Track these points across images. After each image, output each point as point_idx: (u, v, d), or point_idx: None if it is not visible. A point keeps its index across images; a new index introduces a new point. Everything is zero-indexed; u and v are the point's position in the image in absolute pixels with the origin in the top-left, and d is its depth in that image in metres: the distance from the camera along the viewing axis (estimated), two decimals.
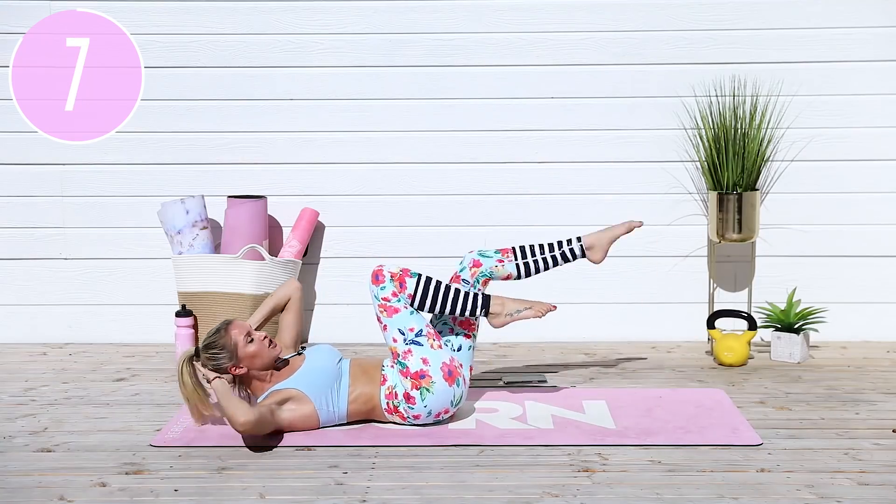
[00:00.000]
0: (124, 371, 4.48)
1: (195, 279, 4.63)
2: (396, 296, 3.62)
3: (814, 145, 4.80)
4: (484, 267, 3.83)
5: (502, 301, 3.74)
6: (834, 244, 4.86)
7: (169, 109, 4.89)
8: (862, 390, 4.08)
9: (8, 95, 4.87)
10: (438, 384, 3.57)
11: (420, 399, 3.56)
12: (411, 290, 3.63)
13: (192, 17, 4.84)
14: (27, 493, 3.09)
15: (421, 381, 3.56)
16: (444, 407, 3.61)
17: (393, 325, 3.62)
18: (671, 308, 4.90)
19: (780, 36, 4.77)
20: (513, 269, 3.84)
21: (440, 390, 3.57)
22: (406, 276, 3.64)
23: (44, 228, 4.96)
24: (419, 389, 3.56)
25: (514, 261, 3.84)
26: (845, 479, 3.14)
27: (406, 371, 3.57)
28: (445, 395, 3.59)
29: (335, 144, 4.89)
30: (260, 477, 3.19)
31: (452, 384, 3.60)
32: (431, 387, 3.56)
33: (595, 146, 4.85)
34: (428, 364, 3.57)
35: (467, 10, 4.81)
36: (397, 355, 3.61)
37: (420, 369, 3.56)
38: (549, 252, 3.87)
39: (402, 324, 3.61)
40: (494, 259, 3.84)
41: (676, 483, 3.12)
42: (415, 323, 3.62)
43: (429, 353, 3.59)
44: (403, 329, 3.61)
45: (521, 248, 3.86)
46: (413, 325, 3.62)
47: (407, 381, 3.57)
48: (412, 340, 3.60)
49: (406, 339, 3.60)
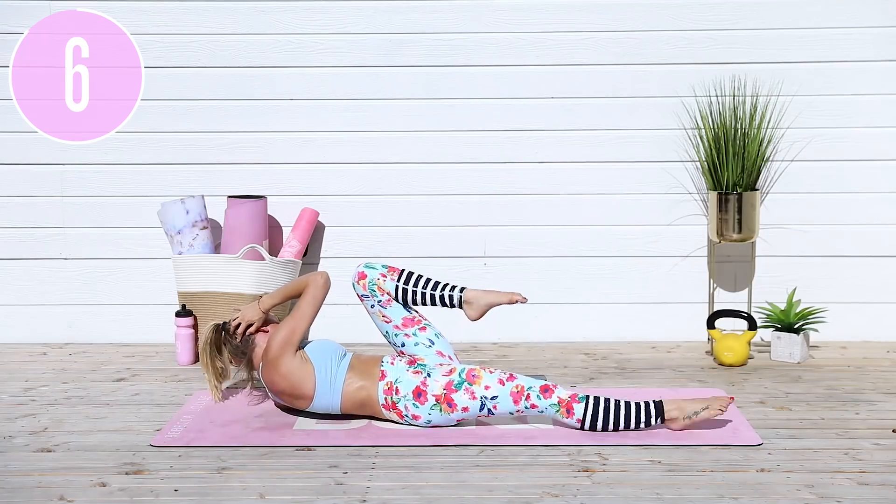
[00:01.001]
0: (124, 371, 4.48)
1: (195, 279, 4.63)
2: (533, 409, 3.56)
3: (814, 145, 4.80)
4: (369, 278, 3.79)
5: (679, 405, 3.59)
6: (834, 244, 4.86)
7: (169, 109, 4.89)
8: (862, 390, 4.08)
9: (8, 95, 4.87)
10: (450, 417, 3.61)
11: (430, 407, 3.58)
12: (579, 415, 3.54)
13: (192, 17, 4.84)
14: (27, 493, 3.09)
15: (444, 404, 3.58)
16: (445, 424, 3.65)
17: (501, 391, 3.56)
18: (671, 308, 4.90)
19: (780, 36, 4.77)
20: (391, 288, 3.78)
21: (446, 418, 3.62)
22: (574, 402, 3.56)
23: (44, 228, 4.96)
24: (437, 403, 3.58)
25: (395, 280, 3.77)
26: (845, 479, 3.14)
27: (452, 389, 3.57)
28: (447, 420, 3.63)
29: (335, 144, 4.89)
30: (260, 477, 3.19)
31: (458, 421, 3.65)
32: (444, 413, 3.59)
33: (595, 146, 4.85)
34: (464, 412, 3.58)
35: (467, 10, 4.81)
36: (472, 381, 3.57)
37: (457, 403, 3.57)
38: (431, 289, 3.78)
39: (502, 402, 3.56)
40: (378, 273, 3.79)
41: (676, 483, 3.12)
42: (499, 412, 3.58)
43: (472, 412, 3.59)
44: (496, 400, 3.56)
45: (408, 273, 3.80)
46: (499, 409, 3.57)
47: (441, 389, 3.57)
48: (486, 404, 3.57)
49: (484, 396, 3.57)
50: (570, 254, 4.92)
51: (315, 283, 3.75)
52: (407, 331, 3.76)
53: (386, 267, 3.80)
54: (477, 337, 4.67)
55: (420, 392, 3.58)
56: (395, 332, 3.78)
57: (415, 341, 3.75)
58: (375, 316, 3.81)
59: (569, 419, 3.55)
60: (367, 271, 3.78)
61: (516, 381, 3.57)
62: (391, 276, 3.77)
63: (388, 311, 3.78)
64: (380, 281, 3.76)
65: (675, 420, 3.56)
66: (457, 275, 4.87)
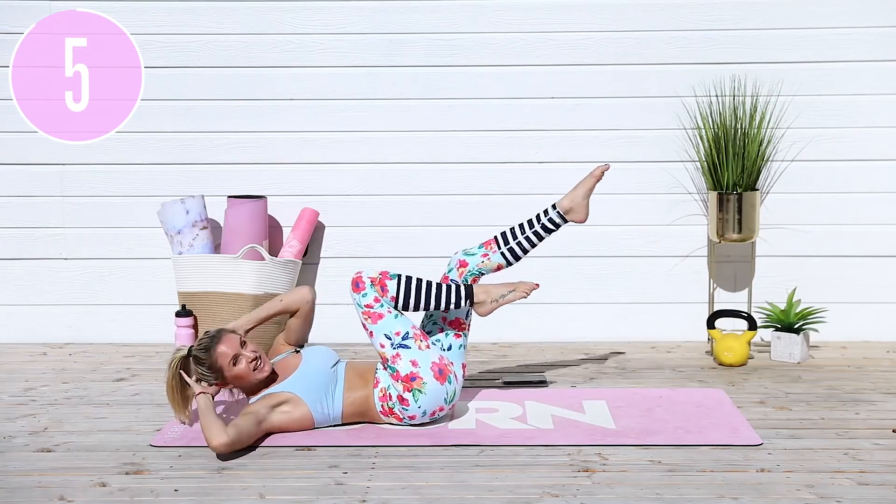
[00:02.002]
0: (124, 371, 4.48)
1: (195, 279, 4.63)
2: (379, 301, 3.61)
3: (814, 145, 4.80)
4: (471, 265, 3.81)
5: (486, 288, 3.72)
6: (834, 244, 4.86)
7: (169, 109, 4.89)
8: (862, 390, 4.08)
9: (8, 95, 4.87)
10: (430, 384, 3.57)
11: (413, 400, 3.56)
12: (393, 292, 3.62)
13: (192, 17, 4.84)
14: (27, 493, 3.09)
15: (412, 384, 3.56)
16: (439, 405, 3.61)
17: (379, 330, 3.61)
18: (671, 308, 4.90)
19: (780, 36, 4.77)
20: (500, 259, 3.82)
21: (432, 390, 3.57)
22: (386, 278, 3.63)
23: (44, 228, 4.96)
24: (411, 392, 3.56)
25: (498, 250, 3.81)
26: (845, 479, 3.14)
27: (397, 375, 3.57)
28: (438, 393, 3.59)
29: (335, 144, 4.89)
30: (260, 477, 3.19)
31: (444, 382, 3.60)
32: (423, 387, 3.56)
33: (595, 146, 4.85)
34: (417, 366, 3.57)
35: (467, 10, 4.81)
36: (386, 360, 3.60)
37: (410, 372, 3.56)
38: (530, 229, 3.82)
39: (388, 328, 3.60)
40: (479, 255, 3.82)
41: (676, 483, 3.12)
42: (400, 326, 3.61)
43: (417, 355, 3.58)
44: (389, 334, 3.60)
45: (502, 235, 3.84)
46: (398, 328, 3.61)
47: (399, 384, 3.57)
48: (399, 344, 3.59)
49: (393, 344, 3.59)
50: (570, 254, 4.92)
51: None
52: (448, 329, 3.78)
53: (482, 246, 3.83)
54: (477, 337, 4.67)
55: (399, 398, 3.58)
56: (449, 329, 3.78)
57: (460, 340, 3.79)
58: None
59: (385, 297, 3.59)
60: (468, 259, 3.82)
61: (360, 318, 3.64)
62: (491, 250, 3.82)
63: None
64: (482, 263, 3.81)
65: (482, 304, 3.69)
66: None
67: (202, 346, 3.54)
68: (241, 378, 3.55)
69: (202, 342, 3.55)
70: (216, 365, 3.51)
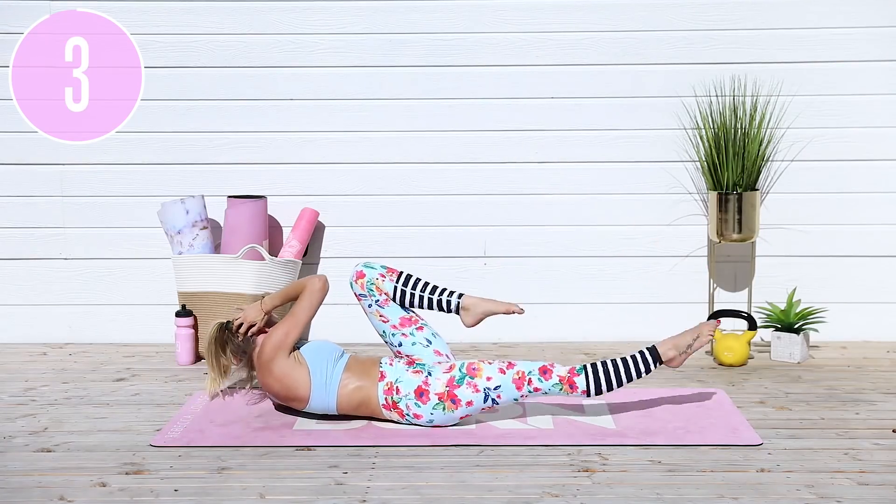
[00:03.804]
0: (124, 371, 4.48)
1: (195, 279, 4.63)
2: (537, 392, 3.59)
3: (814, 145, 4.80)
4: (367, 278, 3.78)
5: (672, 343, 3.65)
6: (834, 244, 4.86)
7: (169, 109, 4.89)
8: (862, 390, 4.08)
9: (8, 95, 4.87)
10: (454, 415, 3.61)
11: (432, 406, 3.58)
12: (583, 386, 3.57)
13: (192, 17, 4.84)
14: (27, 493, 3.09)
15: (448, 401, 3.58)
16: (443, 423, 3.65)
17: (503, 380, 3.57)
18: (671, 308, 4.90)
19: (780, 36, 4.77)
20: (390, 289, 3.78)
21: (450, 417, 3.62)
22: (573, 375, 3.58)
23: (44, 228, 4.96)
24: (441, 401, 3.58)
25: (393, 282, 3.78)
26: (845, 479, 3.14)
27: (455, 385, 3.58)
28: (450, 419, 3.64)
29: (335, 144, 4.89)
30: (260, 477, 3.19)
31: (461, 418, 3.65)
32: (450, 411, 3.60)
33: (595, 146, 4.85)
34: (468, 406, 3.58)
35: (467, 10, 4.81)
36: (472, 375, 3.58)
37: (460, 399, 3.58)
38: (428, 292, 3.79)
39: (505, 391, 3.58)
40: (377, 272, 3.79)
41: (676, 483, 3.12)
42: (503, 401, 3.60)
43: (476, 405, 3.60)
44: (500, 389, 3.58)
45: (407, 275, 3.80)
46: (503, 398, 3.59)
47: (443, 387, 3.57)
48: (489, 395, 3.58)
49: (487, 387, 3.58)
50: (570, 254, 4.92)
51: (312, 287, 3.75)
52: (404, 330, 3.76)
53: (385, 267, 3.80)
54: (477, 337, 4.67)
55: (422, 391, 3.58)
56: (393, 331, 3.77)
57: (412, 341, 3.75)
58: (372, 315, 3.81)
59: (574, 393, 3.58)
60: (366, 271, 3.78)
61: (516, 368, 3.60)
62: (390, 276, 3.77)
63: (386, 310, 3.78)
64: (378, 281, 3.76)
65: (673, 359, 3.65)
66: (456, 275, 4.87)
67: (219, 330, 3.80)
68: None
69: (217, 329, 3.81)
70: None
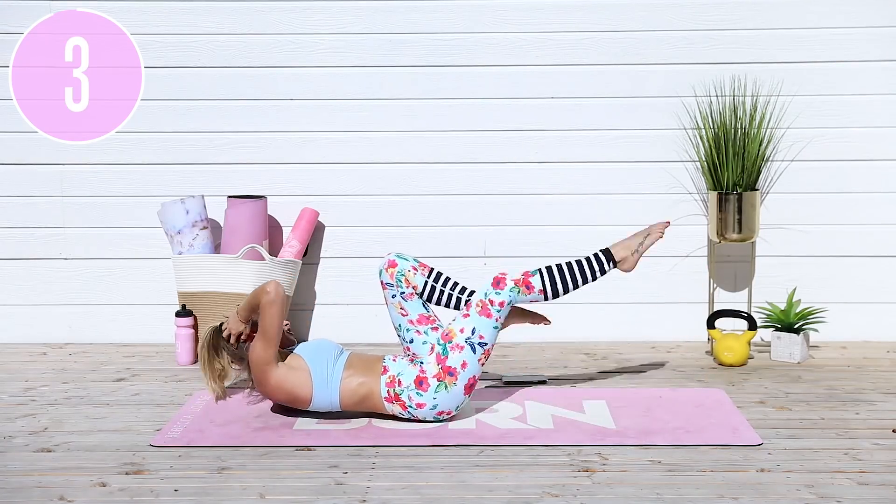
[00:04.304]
0: (124, 371, 4.48)
1: (195, 279, 4.63)
2: (504, 305, 3.66)
3: (814, 145, 4.80)
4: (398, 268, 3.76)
5: (622, 245, 3.85)
6: (834, 244, 4.86)
7: (169, 109, 4.89)
8: (862, 390, 4.08)
9: (8, 95, 4.87)
10: (458, 388, 3.61)
11: (434, 390, 3.59)
12: (539, 286, 3.70)
13: (192, 17, 4.84)
14: (27, 493, 3.09)
15: (447, 378, 3.59)
16: (449, 409, 3.64)
17: (471, 323, 3.64)
18: (671, 308, 4.90)
19: (780, 36, 4.77)
20: (420, 283, 3.76)
21: (455, 393, 3.62)
22: (528, 276, 3.70)
23: (44, 228, 4.95)
24: (440, 381, 3.58)
25: (425, 276, 3.77)
26: (845, 479, 3.14)
27: (441, 359, 3.60)
28: (456, 398, 3.63)
29: (335, 144, 4.89)
30: (260, 477, 3.19)
31: (466, 394, 3.65)
32: (451, 387, 3.60)
33: (595, 146, 4.85)
34: (464, 368, 3.61)
35: (467, 10, 4.81)
36: (447, 340, 3.63)
37: (454, 367, 3.60)
38: (457, 292, 3.79)
39: (481, 328, 3.64)
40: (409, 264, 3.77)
41: (676, 483, 3.12)
42: (489, 336, 3.65)
43: (471, 361, 3.62)
44: (476, 331, 3.64)
45: (438, 272, 3.81)
46: (486, 334, 3.65)
47: (435, 366, 3.59)
48: (472, 343, 3.62)
49: (468, 340, 3.62)
50: (570, 254, 4.91)
51: (265, 301, 3.62)
52: (420, 328, 3.75)
53: (417, 261, 3.80)
54: None
55: (421, 380, 3.60)
56: (409, 326, 3.76)
57: (423, 339, 3.74)
58: (393, 307, 3.79)
59: (532, 294, 3.68)
60: (399, 261, 3.77)
61: (474, 301, 3.67)
62: (422, 270, 3.78)
63: (408, 304, 3.76)
64: (409, 273, 3.76)
65: (625, 259, 3.80)
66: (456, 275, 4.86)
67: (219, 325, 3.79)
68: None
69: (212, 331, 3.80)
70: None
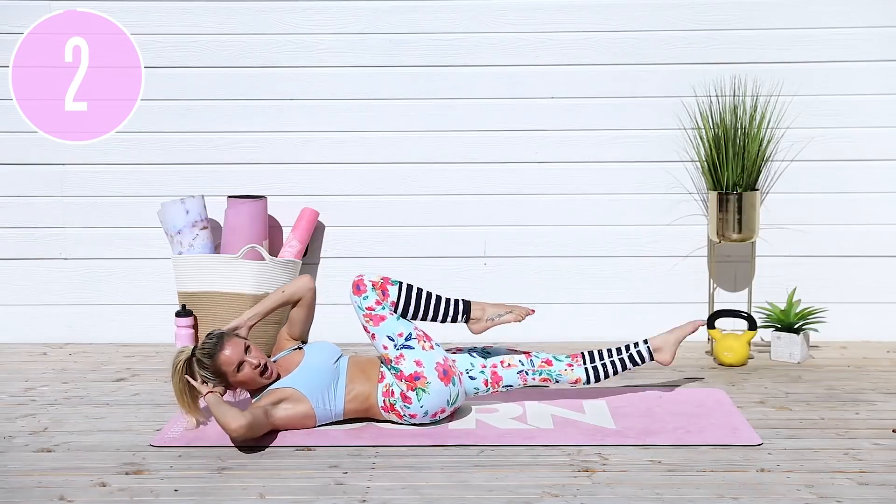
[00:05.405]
0: (124, 371, 4.48)
1: (195, 279, 4.63)
2: (380, 304, 3.63)
3: (814, 145, 4.80)
4: (554, 367, 3.79)
5: (482, 306, 3.77)
6: (834, 244, 4.86)
7: (169, 109, 4.89)
8: (862, 390, 4.08)
9: (8, 95, 4.87)
10: (434, 384, 3.58)
11: (416, 399, 3.57)
12: (394, 297, 3.65)
13: (192, 17, 4.84)
14: (27, 493, 3.09)
15: (416, 383, 3.57)
16: (441, 406, 3.62)
17: (381, 332, 3.62)
18: (671, 308, 4.90)
19: (780, 36, 4.77)
20: (581, 374, 3.81)
21: (436, 390, 3.58)
22: (387, 283, 3.65)
23: (44, 228, 4.96)
24: (415, 391, 3.57)
25: (583, 365, 3.82)
26: (845, 479, 3.14)
27: (401, 375, 3.58)
28: (441, 394, 3.60)
29: (335, 144, 4.89)
30: (260, 477, 3.19)
31: (448, 383, 3.61)
32: (427, 387, 3.57)
33: (595, 146, 4.85)
34: (422, 366, 3.58)
35: (467, 10, 4.81)
36: (390, 361, 3.61)
37: (414, 371, 3.57)
38: (616, 355, 3.85)
39: (391, 330, 3.62)
40: (564, 363, 3.81)
41: (676, 483, 3.12)
42: (402, 328, 3.63)
43: (421, 355, 3.60)
44: (392, 335, 3.61)
45: (589, 352, 3.85)
46: (401, 329, 3.63)
47: (402, 383, 3.58)
48: (403, 345, 3.60)
49: (396, 345, 3.60)
50: (570, 254, 4.92)
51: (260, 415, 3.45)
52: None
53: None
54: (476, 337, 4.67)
55: (403, 395, 3.59)
56: None
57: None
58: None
59: (385, 301, 3.62)
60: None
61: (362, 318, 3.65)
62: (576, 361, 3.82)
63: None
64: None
65: (478, 321, 3.76)
66: (456, 275, 4.87)
67: (206, 350, 3.52)
68: (245, 383, 3.56)
69: (206, 346, 3.53)
70: (220, 371, 3.51)
